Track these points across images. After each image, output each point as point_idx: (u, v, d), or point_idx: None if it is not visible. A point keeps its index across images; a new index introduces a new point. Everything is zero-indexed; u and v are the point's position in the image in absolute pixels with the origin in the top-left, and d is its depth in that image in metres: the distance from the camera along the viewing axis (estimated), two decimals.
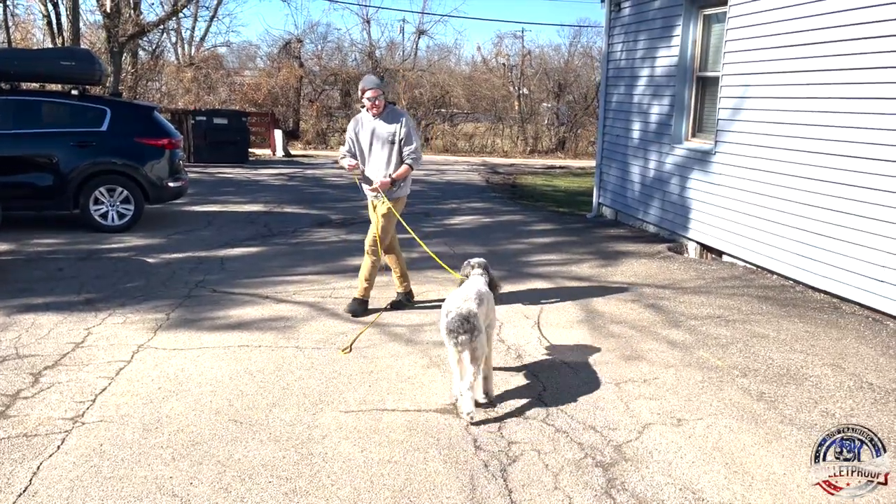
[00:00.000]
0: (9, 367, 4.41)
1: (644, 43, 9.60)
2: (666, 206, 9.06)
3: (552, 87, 27.81)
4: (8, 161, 8.33)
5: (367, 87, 5.40)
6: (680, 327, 5.54)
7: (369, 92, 5.38)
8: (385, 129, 5.51)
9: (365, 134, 5.59)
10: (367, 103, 5.44)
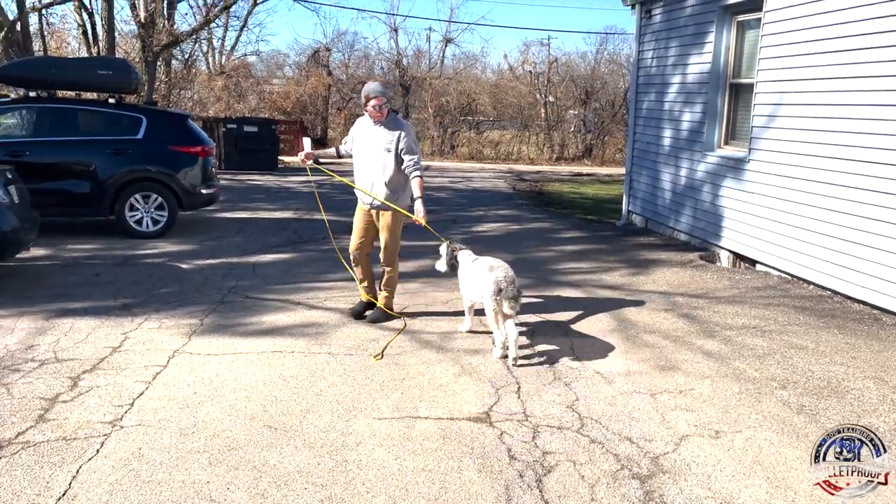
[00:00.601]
0: (48, 371, 4.48)
1: (675, 49, 9.52)
2: (698, 214, 8.96)
3: (579, 94, 27.71)
4: (46, 168, 8.50)
5: (372, 94, 5.27)
6: (715, 337, 5.46)
7: (374, 100, 5.26)
8: (384, 136, 5.38)
9: (364, 138, 5.49)
10: (371, 111, 5.32)
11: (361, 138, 5.51)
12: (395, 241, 5.63)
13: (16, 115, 8.96)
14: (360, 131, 5.53)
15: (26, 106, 8.87)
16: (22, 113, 8.91)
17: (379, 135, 5.39)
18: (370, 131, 5.44)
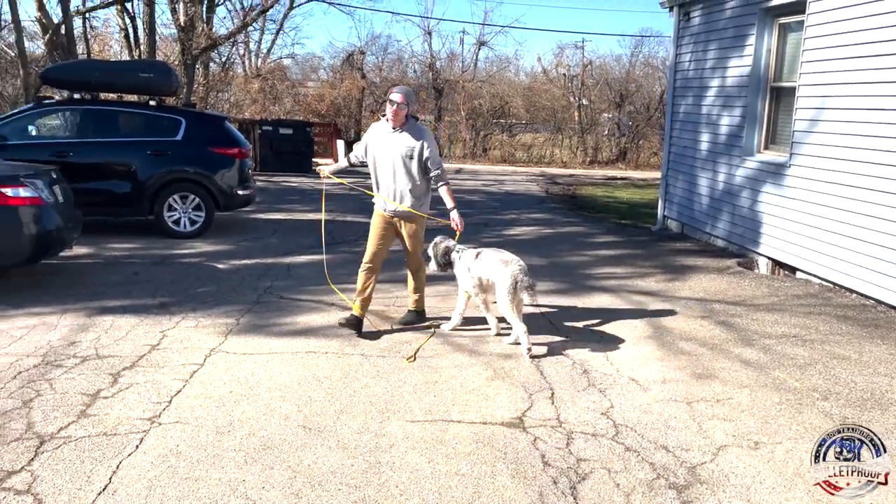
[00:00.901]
0: (89, 367, 4.57)
1: (714, 52, 9.38)
2: (736, 219, 8.81)
3: (613, 97, 27.48)
4: (89, 169, 8.69)
5: (393, 91, 5.17)
6: (753, 346, 5.36)
7: (395, 95, 5.11)
8: (404, 143, 5.20)
9: (380, 145, 5.30)
10: (388, 110, 5.17)
11: (379, 145, 5.31)
12: (420, 247, 5.57)
13: (60, 116, 9.21)
14: (377, 138, 5.33)
15: (70, 108, 9.10)
16: (66, 115, 9.15)
17: (399, 141, 5.22)
18: (389, 138, 5.26)
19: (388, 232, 5.46)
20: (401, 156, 5.22)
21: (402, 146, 5.21)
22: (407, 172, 5.25)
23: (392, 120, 5.17)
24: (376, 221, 5.46)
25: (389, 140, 5.25)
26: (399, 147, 5.22)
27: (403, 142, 5.21)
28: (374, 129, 5.38)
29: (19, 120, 8.90)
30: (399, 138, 5.23)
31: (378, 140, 5.32)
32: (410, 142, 5.21)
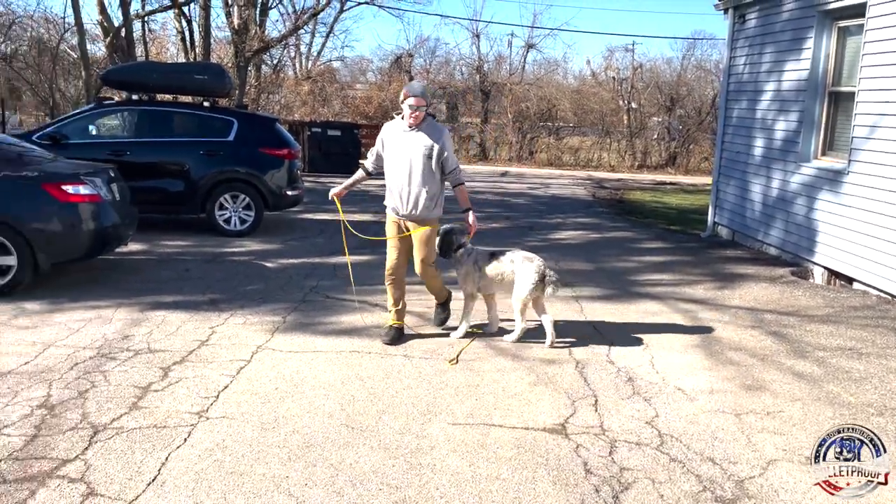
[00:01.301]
0: (141, 361, 4.70)
1: (770, 56, 9.15)
2: (790, 227, 8.57)
3: (664, 100, 27.04)
4: (145, 167, 8.94)
5: (410, 93, 4.89)
6: (807, 358, 5.20)
7: (412, 99, 4.85)
8: (422, 142, 4.96)
9: (396, 145, 5.04)
10: (406, 111, 4.91)
11: (394, 144, 5.06)
12: (431, 253, 5.25)
13: (119, 116, 9.51)
14: (392, 137, 5.08)
15: (128, 108, 9.39)
16: (124, 115, 9.45)
17: (417, 140, 4.97)
18: (405, 137, 5.01)
19: (405, 238, 5.24)
20: (420, 155, 4.97)
21: (420, 145, 4.97)
22: (424, 173, 5.00)
23: (411, 117, 4.93)
24: (392, 230, 5.25)
25: (406, 139, 5.01)
26: (416, 146, 4.97)
27: (421, 141, 4.97)
28: (388, 129, 5.13)
29: (80, 120, 9.22)
30: (416, 137, 4.98)
31: (393, 140, 5.07)
32: (428, 140, 4.97)
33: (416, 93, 4.89)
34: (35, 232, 5.93)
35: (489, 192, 16.19)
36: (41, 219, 5.99)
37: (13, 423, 3.73)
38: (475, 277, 5.34)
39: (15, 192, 5.93)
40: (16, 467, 3.30)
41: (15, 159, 6.28)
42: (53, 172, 6.24)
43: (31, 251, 5.93)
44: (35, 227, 5.94)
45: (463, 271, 5.36)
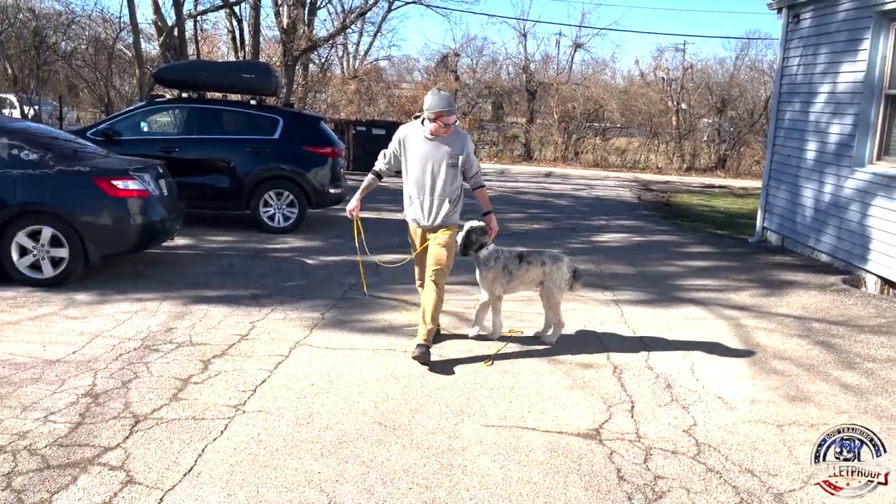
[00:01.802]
0: (183, 354, 4.81)
1: (825, 57, 8.87)
2: (842, 233, 8.29)
3: (714, 102, 26.48)
4: (193, 164, 9.14)
5: (445, 111, 4.61)
6: (855, 369, 5.03)
7: (447, 117, 4.62)
8: (446, 151, 4.76)
9: (418, 152, 4.80)
10: (438, 128, 4.66)
11: (417, 152, 4.81)
12: (450, 258, 4.97)
13: (169, 114, 9.74)
14: (414, 144, 4.82)
15: (178, 106, 9.63)
16: (174, 112, 9.68)
17: (440, 148, 4.76)
18: (429, 144, 4.77)
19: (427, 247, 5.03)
20: (444, 164, 4.77)
21: (444, 154, 4.76)
22: (448, 180, 4.81)
23: (442, 132, 4.70)
24: (416, 238, 5.09)
25: (429, 147, 4.78)
26: (441, 153, 4.77)
27: (445, 149, 4.76)
28: (408, 133, 4.87)
29: (132, 117, 9.49)
30: (440, 145, 4.76)
31: (416, 147, 4.82)
32: (453, 148, 4.78)
33: (450, 111, 4.64)
34: (86, 225, 6.12)
35: (532, 193, 16.10)
36: (92, 212, 6.17)
37: (59, 410, 3.86)
38: (503, 281, 5.25)
39: (68, 187, 6.13)
40: (60, 453, 3.41)
41: (69, 155, 6.49)
42: (104, 168, 6.43)
43: (82, 243, 6.12)
44: (86, 221, 6.13)
45: (490, 276, 5.21)
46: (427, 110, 4.64)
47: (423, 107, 4.69)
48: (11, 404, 3.89)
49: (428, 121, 4.68)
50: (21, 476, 3.19)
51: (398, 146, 4.91)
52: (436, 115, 4.62)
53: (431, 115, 4.63)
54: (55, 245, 6.12)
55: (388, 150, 5.01)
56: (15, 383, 4.16)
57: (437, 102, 4.62)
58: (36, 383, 4.18)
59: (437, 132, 4.70)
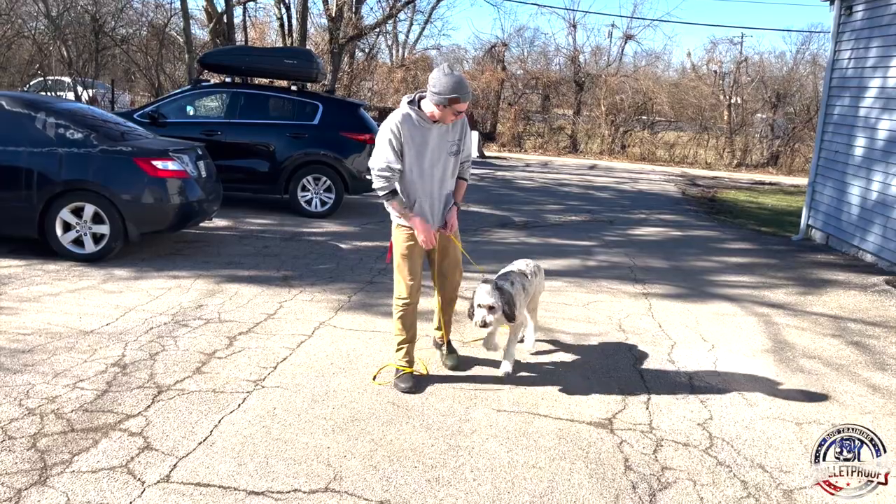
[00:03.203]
0: (210, 330, 4.95)
1: (877, 50, 8.55)
2: (888, 233, 8.01)
3: (769, 96, 25.74)
4: (234, 147, 9.35)
5: (464, 98, 3.87)
6: (886, 371, 4.88)
7: (462, 104, 3.89)
8: (449, 136, 4.11)
9: (422, 141, 4.03)
10: (447, 114, 3.92)
11: (418, 142, 4.03)
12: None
13: (213, 98, 9.97)
14: (414, 133, 4.00)
15: (221, 90, 9.85)
16: (217, 97, 9.91)
17: (443, 135, 4.09)
18: (430, 132, 4.03)
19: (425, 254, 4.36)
20: (446, 152, 4.13)
21: (448, 141, 4.12)
22: (450, 172, 4.22)
23: (451, 120, 4.00)
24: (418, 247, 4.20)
25: (432, 134, 4.05)
26: (444, 142, 4.10)
27: (446, 135, 4.10)
28: (404, 122, 3.97)
29: (178, 100, 9.74)
30: (441, 131, 4.07)
31: (416, 137, 4.01)
32: (453, 133, 4.14)
33: (466, 95, 3.90)
34: (126, 203, 6.34)
35: (574, 185, 15.97)
36: (131, 191, 6.38)
37: (88, 378, 4.03)
38: (523, 300, 4.53)
39: (110, 166, 6.35)
40: (84, 418, 3.57)
41: (112, 135, 6.71)
42: (145, 148, 6.63)
43: (122, 221, 6.34)
44: (126, 199, 6.34)
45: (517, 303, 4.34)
46: (438, 94, 3.84)
47: (431, 87, 3.89)
48: (44, 370, 4.07)
49: (435, 106, 3.90)
50: (46, 437, 3.35)
51: (398, 141, 3.97)
52: (451, 101, 3.85)
53: (444, 101, 3.85)
54: (97, 222, 6.35)
55: (382, 154, 3.98)
56: (49, 351, 4.36)
57: (453, 86, 3.83)
58: (69, 352, 4.37)
59: (443, 118, 3.95)
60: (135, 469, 3.13)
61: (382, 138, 3.99)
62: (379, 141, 4.02)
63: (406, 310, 4.27)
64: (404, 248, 4.19)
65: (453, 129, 4.12)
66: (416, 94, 4.07)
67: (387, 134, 3.97)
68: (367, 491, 3.09)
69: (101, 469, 3.11)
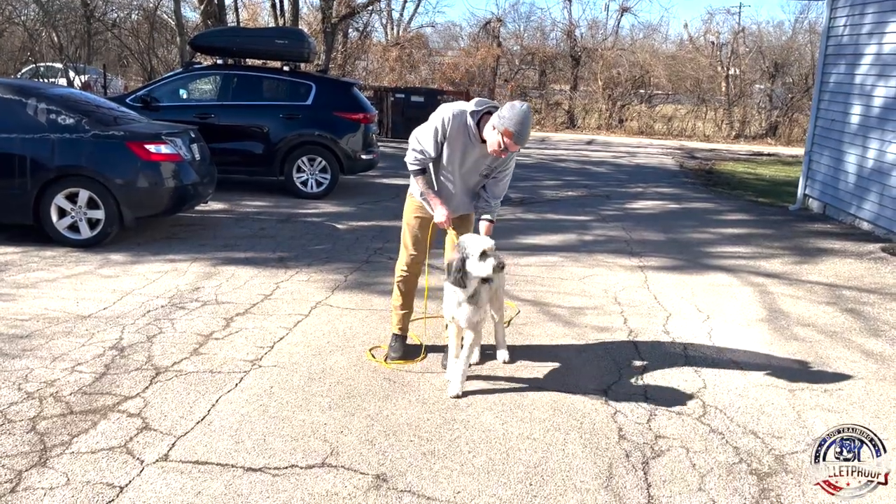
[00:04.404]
0: (207, 311, 4.98)
1: (872, 17, 8.48)
2: (884, 200, 8.01)
3: (767, 66, 25.55)
4: (228, 130, 9.31)
5: (516, 138, 3.65)
6: (880, 337, 4.91)
7: (511, 144, 3.67)
8: (486, 160, 3.94)
9: (464, 152, 3.93)
10: (496, 147, 3.72)
11: (461, 151, 3.93)
12: None
13: (205, 81, 9.92)
14: (459, 134, 3.88)
15: (213, 73, 9.80)
16: (210, 79, 9.85)
17: (482, 157, 3.94)
18: (476, 148, 3.91)
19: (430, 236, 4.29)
20: (479, 172, 4.04)
21: (483, 164, 3.99)
22: (471, 184, 4.11)
23: (496, 153, 3.79)
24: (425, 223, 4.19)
25: (476, 151, 3.93)
26: (482, 163, 3.99)
27: (485, 159, 3.95)
28: (456, 119, 3.85)
29: (170, 83, 9.69)
30: (483, 153, 3.90)
31: (460, 139, 3.90)
32: (496, 161, 3.97)
33: (521, 140, 3.67)
34: (120, 188, 6.33)
35: (571, 160, 15.93)
36: (125, 175, 6.37)
37: (86, 361, 4.06)
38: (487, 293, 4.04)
39: (102, 151, 6.33)
40: (83, 400, 3.60)
41: (105, 120, 6.69)
42: (138, 132, 6.61)
43: (116, 206, 6.34)
44: (120, 183, 6.33)
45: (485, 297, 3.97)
46: (499, 117, 3.67)
47: (499, 111, 3.74)
48: (42, 355, 4.10)
49: (492, 126, 3.73)
50: (45, 420, 3.38)
51: (442, 134, 3.88)
52: (504, 132, 3.65)
53: (500, 126, 3.65)
54: (91, 207, 6.35)
55: (426, 137, 3.93)
56: (47, 336, 4.38)
57: (513, 119, 3.63)
58: (67, 336, 4.40)
59: (489, 143, 3.76)
60: (134, 449, 3.17)
61: (431, 124, 3.90)
62: (429, 124, 3.93)
63: (405, 278, 4.33)
64: (412, 219, 4.23)
65: (494, 160, 3.94)
66: (485, 108, 3.87)
67: (437, 122, 3.87)
68: (364, 465, 3.13)
69: (100, 449, 3.15)
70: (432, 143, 3.90)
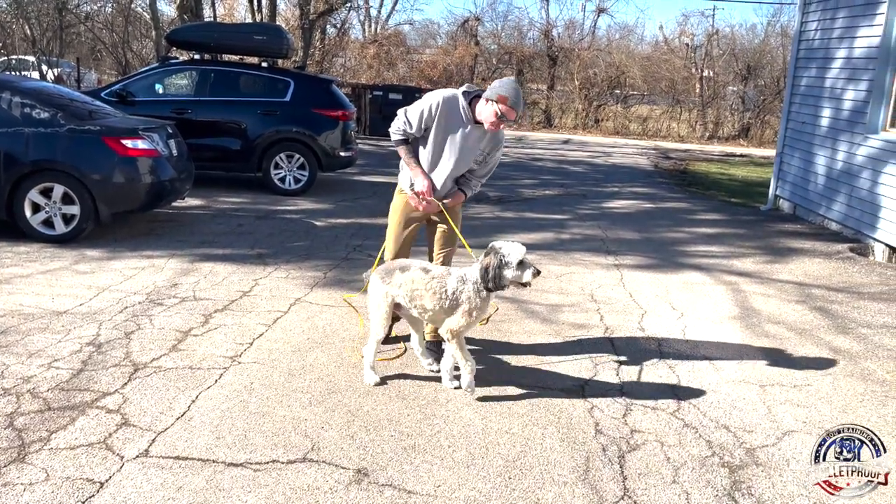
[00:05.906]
0: (186, 308, 4.96)
1: (843, 21, 8.68)
2: (853, 201, 8.21)
3: (740, 69, 25.94)
4: (205, 125, 9.25)
5: (512, 102, 3.77)
6: (848, 334, 5.05)
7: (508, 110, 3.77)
8: (481, 144, 4.06)
9: (453, 128, 3.99)
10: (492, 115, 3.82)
11: (450, 128, 3.99)
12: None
13: (181, 76, 9.84)
14: (450, 118, 3.97)
15: (190, 68, 9.72)
16: (186, 74, 9.77)
17: (477, 141, 4.05)
18: (468, 130, 3.99)
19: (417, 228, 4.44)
20: (472, 156, 4.11)
21: (477, 149, 4.09)
22: (462, 169, 4.18)
23: (492, 127, 3.92)
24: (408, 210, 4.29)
25: (468, 133, 4.01)
26: (475, 148, 4.08)
27: (479, 143, 4.07)
28: (446, 103, 3.94)
29: (146, 78, 9.59)
30: (481, 135, 4.03)
31: (452, 123, 3.99)
32: (489, 145, 4.11)
33: (517, 105, 3.79)
34: (96, 183, 6.27)
35: (548, 159, 16.04)
36: (101, 170, 6.31)
37: (63, 357, 4.03)
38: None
39: (78, 145, 6.26)
40: (61, 396, 3.58)
41: (80, 114, 6.62)
42: (113, 127, 6.55)
43: (92, 201, 6.28)
44: (96, 178, 6.27)
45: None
46: (490, 89, 3.79)
47: (489, 86, 3.84)
48: (18, 351, 4.07)
49: (484, 100, 3.83)
50: (23, 416, 3.36)
51: (429, 113, 3.96)
52: (499, 98, 3.75)
53: (493, 96, 3.76)
54: (67, 202, 6.28)
55: (413, 112, 4.02)
56: (23, 332, 4.34)
57: (506, 86, 3.78)
58: (43, 333, 4.36)
59: (485, 117, 3.85)
60: (113, 445, 3.17)
61: (421, 105, 4.00)
62: (419, 103, 4.03)
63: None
64: (399, 214, 4.33)
65: (489, 142, 4.07)
66: (476, 91, 3.98)
67: (426, 104, 3.97)
68: (345, 460, 3.16)
69: (79, 445, 3.14)
70: (416, 120, 4.00)
